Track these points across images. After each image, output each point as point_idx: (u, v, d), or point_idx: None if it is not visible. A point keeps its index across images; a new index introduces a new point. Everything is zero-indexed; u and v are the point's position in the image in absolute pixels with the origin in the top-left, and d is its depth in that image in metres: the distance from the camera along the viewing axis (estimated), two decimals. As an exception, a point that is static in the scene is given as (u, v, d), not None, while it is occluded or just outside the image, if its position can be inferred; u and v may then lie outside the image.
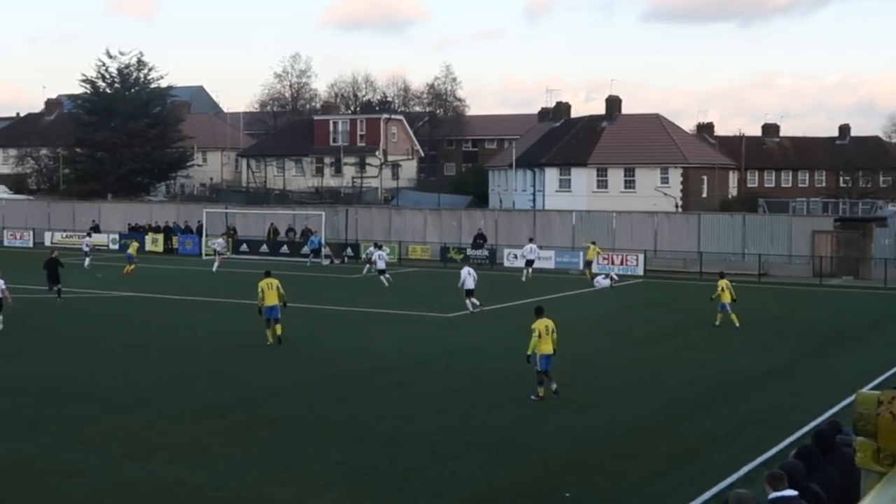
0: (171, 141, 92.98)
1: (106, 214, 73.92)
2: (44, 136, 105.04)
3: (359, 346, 30.40)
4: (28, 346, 29.90)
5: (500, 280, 51.33)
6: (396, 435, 19.51)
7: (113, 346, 29.88)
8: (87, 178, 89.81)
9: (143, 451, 18.22)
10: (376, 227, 64.72)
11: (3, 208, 77.90)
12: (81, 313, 37.36)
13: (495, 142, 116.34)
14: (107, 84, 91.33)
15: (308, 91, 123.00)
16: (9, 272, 35.81)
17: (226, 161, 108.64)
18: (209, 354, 28.44)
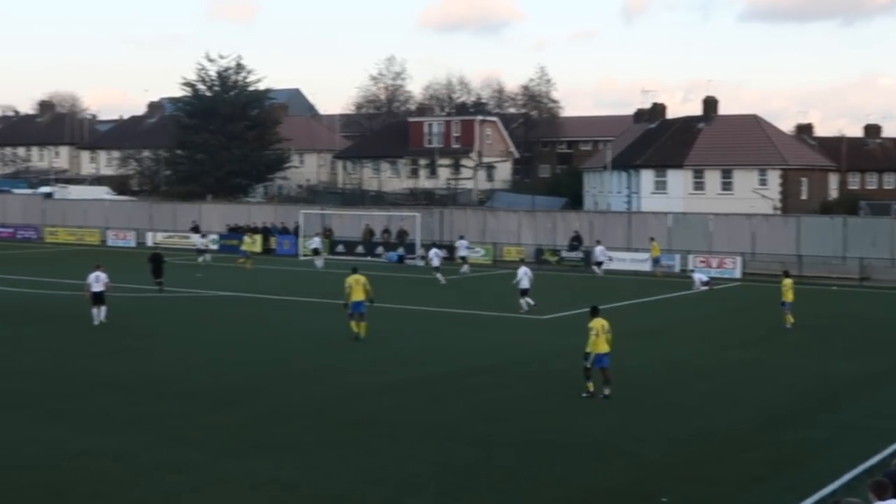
0: (269, 143, 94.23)
1: (206, 215, 75.18)
2: (146, 138, 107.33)
3: (452, 347, 30.42)
4: (130, 343, 30.55)
5: (594, 282, 50.99)
6: (490, 436, 19.46)
7: (211, 345, 30.37)
8: (187, 179, 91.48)
9: (240, 448, 18.47)
10: (471, 229, 64.75)
11: (107, 209, 79.74)
12: (181, 312, 38.05)
13: (590, 143, 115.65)
14: (207, 87, 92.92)
15: (403, 93, 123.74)
16: (112, 271, 36.64)
17: (322, 163, 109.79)
18: (304, 354, 28.72)
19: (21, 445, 18.50)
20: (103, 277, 34.28)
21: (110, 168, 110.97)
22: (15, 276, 48.02)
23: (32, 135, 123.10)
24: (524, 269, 39.25)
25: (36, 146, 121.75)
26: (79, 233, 76.84)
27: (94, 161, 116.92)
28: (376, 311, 36.74)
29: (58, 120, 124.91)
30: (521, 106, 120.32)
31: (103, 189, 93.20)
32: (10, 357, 27.88)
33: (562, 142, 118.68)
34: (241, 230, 69.74)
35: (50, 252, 68.29)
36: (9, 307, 38.42)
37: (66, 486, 16.12)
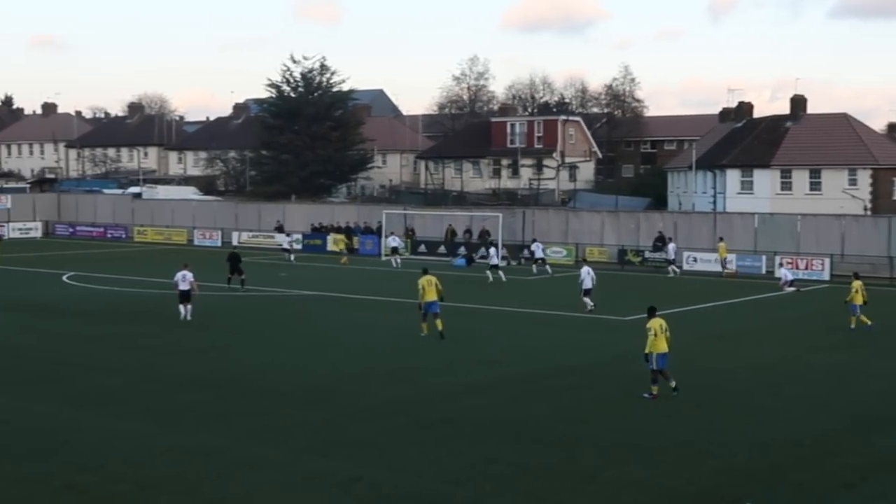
0: (353, 143, 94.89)
1: (290, 215, 75.98)
2: (231, 139, 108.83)
3: (534, 347, 30.35)
4: (216, 342, 31.01)
5: (679, 284, 50.49)
6: (573, 437, 19.38)
7: (295, 344, 30.68)
8: (271, 179, 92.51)
9: (324, 446, 18.63)
10: (553, 229, 64.54)
11: (194, 209, 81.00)
12: (265, 311, 38.49)
13: (674, 143, 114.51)
14: (291, 88, 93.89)
15: (486, 93, 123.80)
16: (198, 270, 37.21)
17: (405, 163, 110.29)
18: (387, 353, 28.87)
19: (110, 441, 18.88)
20: (190, 276, 35.28)
21: (197, 168, 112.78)
22: (104, 274, 48.99)
23: (122, 136, 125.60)
24: (587, 268, 39.30)
25: (125, 147, 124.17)
26: (166, 232, 78.16)
27: (182, 162, 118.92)
28: (458, 311, 36.81)
29: (147, 121, 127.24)
30: (604, 105, 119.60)
31: (190, 189, 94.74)
32: (99, 354, 28.49)
33: (645, 141, 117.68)
34: (324, 230, 70.34)
35: (138, 251, 69.56)
36: (98, 305, 39.27)
37: (153, 482, 16.41)
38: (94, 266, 53.94)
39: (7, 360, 27.28)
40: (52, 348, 29.40)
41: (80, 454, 17.97)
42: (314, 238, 69.32)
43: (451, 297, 40.07)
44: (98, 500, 15.61)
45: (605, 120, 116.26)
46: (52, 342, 30.51)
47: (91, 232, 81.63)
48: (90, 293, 43.39)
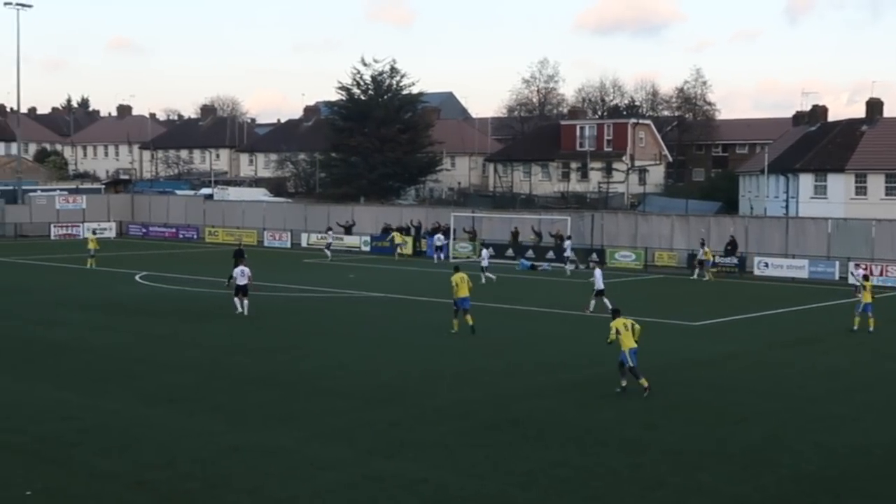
0: (422, 146, 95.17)
1: (359, 217, 76.37)
2: (302, 141, 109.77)
3: (601, 351, 30.15)
4: (285, 341, 31.28)
5: (749, 290, 49.90)
6: (639, 443, 19.25)
7: (362, 345, 30.84)
8: (341, 181, 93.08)
9: (390, 447, 18.70)
10: (622, 233, 64.14)
11: (264, 210, 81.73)
12: (332, 312, 38.74)
13: (746, 146, 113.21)
14: (361, 91, 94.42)
15: (555, 96, 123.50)
16: (266, 272, 37.57)
17: (473, 165, 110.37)
18: (454, 355, 28.90)
19: (179, 439, 19.13)
20: (248, 272, 36.84)
21: (267, 170, 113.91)
22: (176, 274, 49.65)
23: (194, 138, 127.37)
24: (599, 271, 39.50)
25: (198, 149, 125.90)
26: (237, 233, 78.90)
27: (253, 163, 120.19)
28: (520, 314, 36.79)
29: (219, 123, 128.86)
30: (675, 108, 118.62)
31: (261, 191, 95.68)
32: (170, 353, 28.90)
33: (717, 145, 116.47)
34: (391, 231, 70.51)
35: (209, 252, 70.37)
36: (169, 305, 39.82)
37: (221, 480, 16.60)
38: (166, 266, 54.71)
39: (79, 358, 27.78)
40: (124, 346, 29.88)
41: (149, 452, 18.23)
42: (382, 240, 69.57)
43: (513, 299, 40.04)
44: (167, 498, 15.82)
45: (676, 123, 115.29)
46: (123, 340, 31.01)
47: (163, 232, 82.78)
48: (162, 293, 44.04)
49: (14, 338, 31.27)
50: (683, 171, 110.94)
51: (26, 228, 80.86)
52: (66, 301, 40.44)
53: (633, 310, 39.62)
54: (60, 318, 35.66)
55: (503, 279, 50.18)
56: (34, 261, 59.34)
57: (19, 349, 29.18)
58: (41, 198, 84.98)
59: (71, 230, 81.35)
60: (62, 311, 37.29)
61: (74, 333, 32.22)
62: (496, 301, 40.91)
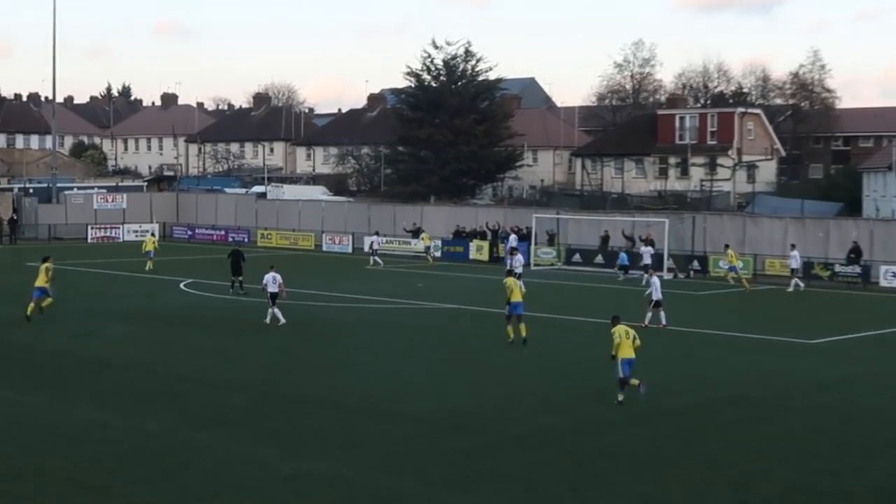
0: (500, 139, 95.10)
1: (428, 218, 76.47)
2: (365, 133, 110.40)
3: (706, 373, 29.87)
4: (345, 357, 31.37)
5: (875, 303, 49.07)
6: (749, 478, 18.99)
7: (432, 362, 30.86)
8: (409, 178, 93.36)
9: (464, 479, 18.64)
10: (727, 238, 63.43)
11: (323, 210, 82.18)
12: (398, 325, 38.78)
13: (871, 139, 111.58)
14: (432, 77, 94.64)
15: (651, 82, 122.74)
16: (324, 279, 37.68)
17: (558, 161, 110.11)
18: (535, 375, 28.77)
19: (229, 466, 19.25)
20: (279, 278, 37.47)
21: (327, 166, 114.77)
22: (225, 281, 50.08)
23: (246, 130, 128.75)
24: (657, 280, 39.13)
25: (249, 142, 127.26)
26: (293, 236, 79.51)
27: (311, 158, 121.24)
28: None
29: (273, 114, 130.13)
30: (788, 96, 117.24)
31: (319, 189, 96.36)
32: (218, 369, 29.12)
33: (837, 137, 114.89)
34: (466, 235, 70.49)
35: (262, 256, 70.86)
36: (218, 316, 40.12)
37: (275, 513, 16.66)
38: (214, 272, 55.18)
39: (120, 375, 28.11)
40: (168, 362, 30.18)
41: (194, 480, 18.37)
42: (455, 244, 69.58)
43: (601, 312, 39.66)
44: (214, 532, 15.91)
45: (790, 113, 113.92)
46: (167, 355, 31.33)
47: (211, 235, 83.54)
48: (209, 302, 44.43)
49: (47, 351, 31.77)
50: (798, 167, 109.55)
51: (61, 230, 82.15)
52: (104, 311, 41.01)
53: (740, 325, 39.24)
54: (98, 329, 36.17)
55: (591, 289, 49.93)
56: (69, 266, 60.20)
57: (53, 364, 29.62)
58: (78, 196, 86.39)
59: (110, 232, 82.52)
60: (100, 323, 37.81)
61: (113, 347, 32.65)
62: (579, 313, 40.66)
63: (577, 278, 56.21)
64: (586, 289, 49.93)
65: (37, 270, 38.96)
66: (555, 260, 64.92)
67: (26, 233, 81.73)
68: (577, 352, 32.68)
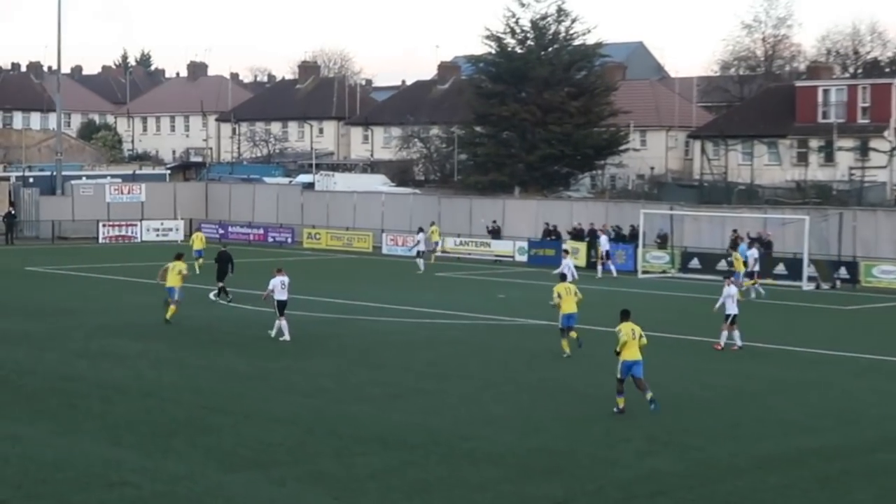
0: (600, 117, 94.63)
1: (511, 214, 76.35)
2: (435, 110, 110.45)
3: (854, 406, 29.60)
4: (409, 385, 31.42)
5: None
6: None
7: (515, 390, 30.87)
8: (488, 166, 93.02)
9: (556, 534, 18.68)
10: (883, 240, 62.76)
11: (384, 205, 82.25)
12: (475, 345, 38.77)
13: None
14: (517, 41, 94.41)
15: (788, 47, 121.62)
16: (385, 289, 37.65)
17: (672, 144, 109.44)
18: (643, 406, 28.68)
19: (270, 515, 19.40)
20: (287, 283, 38.31)
21: (388, 150, 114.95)
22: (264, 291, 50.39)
23: (290, 106, 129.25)
24: (729, 288, 38.59)
25: (294, 121, 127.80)
26: (346, 236, 79.67)
27: (368, 141, 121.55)
28: (753, 352, 36.34)
29: (323, 87, 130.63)
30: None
31: (378, 178, 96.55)
32: (256, 398, 29.25)
33: None
34: (556, 236, 70.24)
35: (309, 261, 71.15)
36: (256, 332, 40.18)
37: (325, 573, 16.78)
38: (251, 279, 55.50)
39: (136, 404, 28.37)
40: (196, 388, 30.43)
41: (229, 532, 18.52)
42: (545, 247, 69.44)
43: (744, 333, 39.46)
44: None
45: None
46: (195, 380, 31.59)
47: (248, 235, 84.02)
48: (246, 316, 44.68)
49: (52, 375, 32.15)
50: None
51: (67, 228, 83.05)
52: (119, 326, 41.46)
53: None
54: (111, 348, 36.58)
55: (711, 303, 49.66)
56: (77, 271, 61.00)
57: (59, 390, 29.94)
58: (87, 187, 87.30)
59: (126, 230, 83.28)
60: (113, 340, 38.23)
61: (129, 370, 32.95)
62: (696, 331, 40.46)
63: (695, 288, 55.81)
64: (705, 302, 49.60)
65: (163, 271, 41.70)
66: (667, 266, 64.66)
67: (25, 231, 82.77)
68: (692, 379, 32.53)
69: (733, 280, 40.95)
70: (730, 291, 38.23)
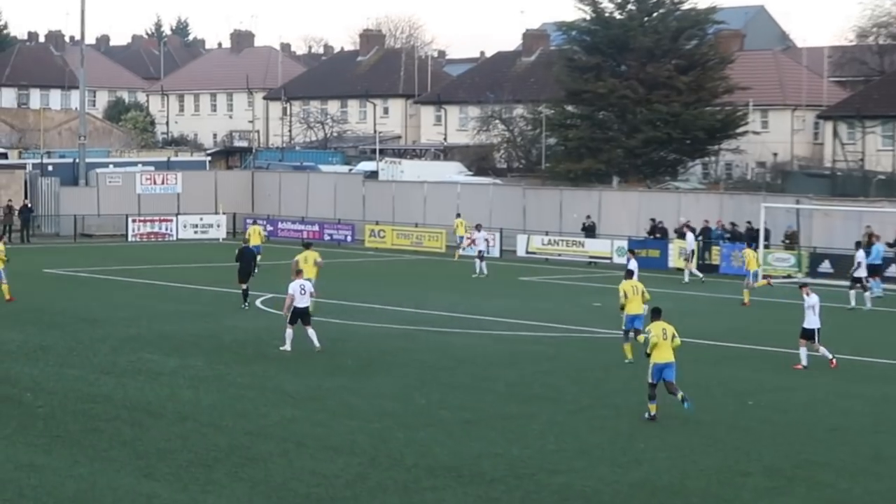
0: (714, 94, 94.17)
1: (608, 208, 76.05)
2: (519, 86, 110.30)
3: None
4: (488, 409, 31.33)
5: None
6: None
7: (612, 416, 30.77)
8: (581, 151, 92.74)
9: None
10: None
11: (460, 197, 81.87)
12: (568, 363, 38.62)
13: None
14: (616, 6, 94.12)
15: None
16: (459, 295, 37.45)
17: (799, 126, 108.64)
18: (765, 435, 28.52)
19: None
20: (309, 287, 38.51)
21: (464, 133, 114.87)
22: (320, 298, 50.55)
23: (350, 83, 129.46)
24: (810, 298, 38.49)
25: (354, 99, 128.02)
26: (415, 234, 79.59)
27: (441, 122, 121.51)
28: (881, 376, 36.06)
29: (388, 60, 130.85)
30: None
31: (453, 166, 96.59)
32: (309, 423, 29.23)
33: None
34: (659, 234, 69.88)
35: (371, 264, 71.25)
36: (308, 347, 39.67)
37: None
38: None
39: (172, 430, 28.43)
40: (240, 411, 30.45)
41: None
42: (648, 247, 69.07)
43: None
44: None
45: None
46: (239, 402, 31.61)
47: (300, 231, 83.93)
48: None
49: (73, 395, 32.23)
50: None
51: (91, 224, 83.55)
52: (151, 338, 41.58)
53: None
54: (142, 364, 36.63)
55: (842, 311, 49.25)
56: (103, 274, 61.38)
57: (81, 413, 30.03)
58: (114, 176, 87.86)
59: (159, 227, 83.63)
60: (144, 354, 38.28)
61: (163, 389, 32.99)
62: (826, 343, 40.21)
63: (825, 296, 55.29)
64: (838, 313, 49.22)
65: (295, 263, 42.36)
66: (793, 269, 64.05)
67: (43, 227, 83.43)
68: (821, 400, 32.33)
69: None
70: (811, 301, 38.24)
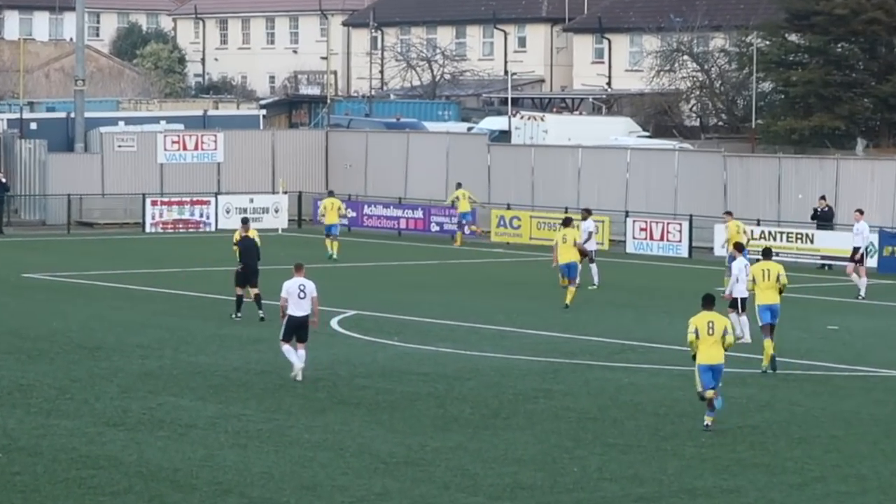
0: None
1: (851, 185, 75.33)
2: (717, 7, 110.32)
3: None
4: (670, 481, 31.27)
5: None
6: None
7: (708, 452, 31.85)
8: (809, 102, 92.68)
9: None
10: None
11: (629, 168, 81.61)
12: (780, 408, 38.62)
13: None
14: None
15: None
16: (617, 314, 37.34)
17: None
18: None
19: None
20: (310, 290, 38.81)
21: (635, 76, 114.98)
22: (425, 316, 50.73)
23: (468, 4, 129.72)
24: None
25: (474, 25, 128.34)
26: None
27: (602, 59, 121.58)
28: None
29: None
30: None
31: (621, 123, 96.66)
32: (412, 498, 29.29)
33: None
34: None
35: (500, 266, 71.58)
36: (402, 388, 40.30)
37: None
38: (403, 297, 55.97)
39: None
40: (308, 482, 30.51)
41: None
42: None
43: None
44: None
45: None
46: (305, 468, 31.72)
47: (395, 220, 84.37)
48: (390, 355, 44.99)
49: (66, 457, 32.16)
50: None
51: (93, 208, 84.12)
52: (177, 374, 41.94)
53: None
54: (164, 413, 36.75)
55: None
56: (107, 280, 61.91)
57: (76, 482, 30.02)
58: (127, 139, 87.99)
59: (190, 212, 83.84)
60: (168, 398, 38.52)
61: (195, 450, 33.00)
62: None
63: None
64: None
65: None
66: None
67: (23, 212, 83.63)
68: None
69: None
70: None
